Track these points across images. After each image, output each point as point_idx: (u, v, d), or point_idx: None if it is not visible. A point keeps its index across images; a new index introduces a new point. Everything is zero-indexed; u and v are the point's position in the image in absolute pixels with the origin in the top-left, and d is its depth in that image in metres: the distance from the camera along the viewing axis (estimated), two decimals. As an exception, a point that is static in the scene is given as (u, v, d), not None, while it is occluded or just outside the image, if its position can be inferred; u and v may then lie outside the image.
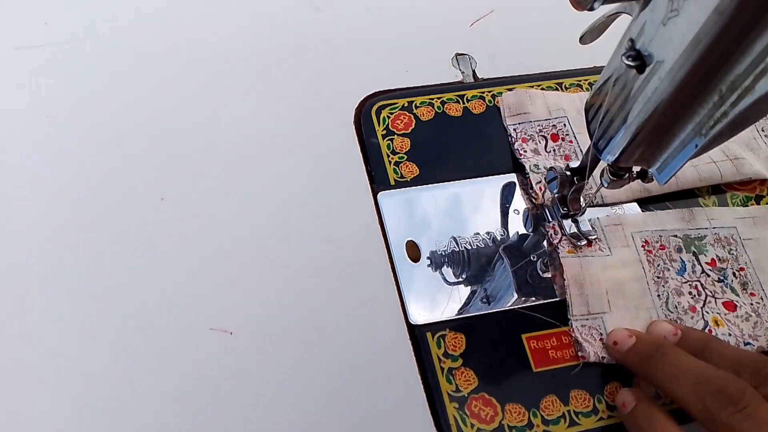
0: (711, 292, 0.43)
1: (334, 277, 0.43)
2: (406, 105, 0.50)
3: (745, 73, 0.27)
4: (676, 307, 0.42)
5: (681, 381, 0.35)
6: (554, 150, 0.48)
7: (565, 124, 0.49)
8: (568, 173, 0.42)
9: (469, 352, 0.40)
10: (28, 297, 0.40)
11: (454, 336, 0.41)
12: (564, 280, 0.42)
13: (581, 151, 0.48)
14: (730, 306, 0.43)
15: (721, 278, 0.44)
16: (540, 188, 0.46)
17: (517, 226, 0.46)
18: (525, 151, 0.48)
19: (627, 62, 0.30)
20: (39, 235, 0.42)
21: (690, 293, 0.43)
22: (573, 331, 0.41)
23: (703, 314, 0.42)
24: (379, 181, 0.46)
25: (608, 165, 0.39)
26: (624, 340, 0.39)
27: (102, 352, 0.39)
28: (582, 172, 0.42)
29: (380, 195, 0.46)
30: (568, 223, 0.44)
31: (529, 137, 0.48)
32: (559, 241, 0.44)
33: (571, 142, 0.48)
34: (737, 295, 0.43)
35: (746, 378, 0.34)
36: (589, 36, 0.37)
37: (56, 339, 0.39)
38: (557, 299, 0.43)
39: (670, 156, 0.33)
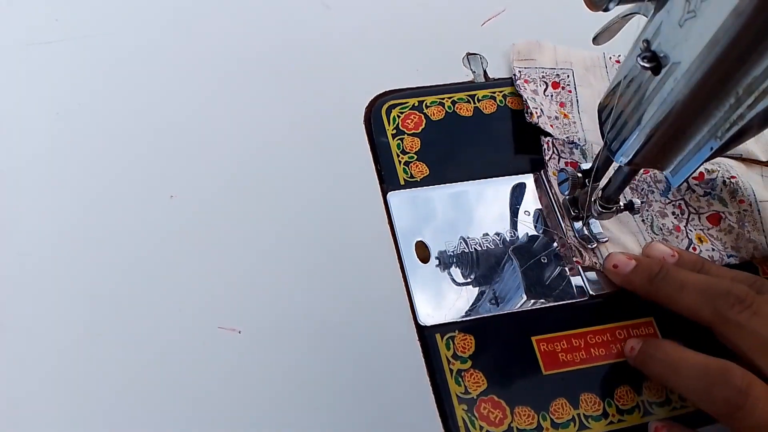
0: (695, 208, 0.45)
1: (342, 277, 0.42)
2: (416, 104, 0.50)
3: (762, 75, 0.26)
4: (661, 228, 0.44)
5: (688, 291, 0.37)
6: (552, 96, 0.50)
7: (569, 76, 0.51)
8: (580, 175, 0.42)
9: (479, 353, 0.40)
10: (35, 294, 0.40)
11: (464, 337, 0.40)
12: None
13: (577, 102, 0.50)
14: (714, 219, 0.45)
15: (708, 191, 0.45)
16: (536, 113, 0.48)
17: (527, 227, 0.46)
18: (525, 89, 0.50)
19: (642, 63, 0.30)
20: (47, 232, 0.42)
21: (673, 213, 0.45)
22: (568, 239, 0.43)
23: (686, 232, 0.44)
24: (388, 181, 0.46)
25: (599, 197, 0.41)
26: (624, 264, 0.41)
27: (108, 350, 0.39)
28: (594, 174, 0.42)
29: (390, 195, 0.46)
30: (578, 225, 0.44)
31: (531, 80, 0.51)
32: (550, 158, 0.47)
33: (570, 91, 0.51)
34: (725, 205, 0.45)
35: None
36: (602, 37, 0.36)
37: (62, 336, 0.39)
38: (567, 302, 0.42)
39: (684, 158, 0.33)
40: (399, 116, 0.49)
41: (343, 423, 0.38)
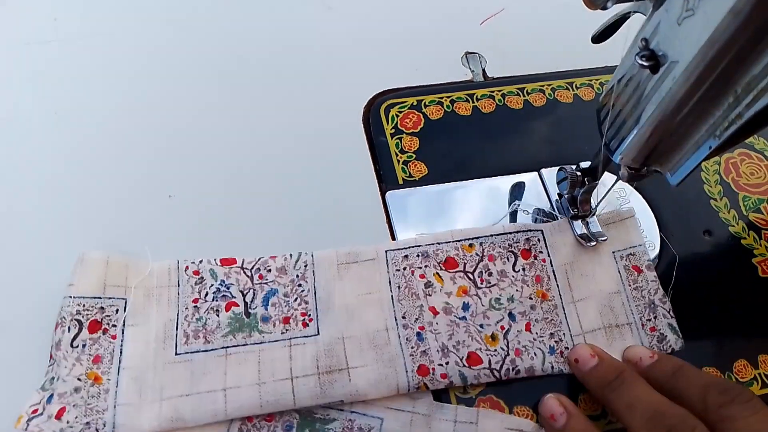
0: None
1: (341, 276, 0.42)
2: (415, 104, 0.50)
3: (761, 74, 0.26)
4: None
5: (636, 413, 0.34)
6: (85, 345, 0.37)
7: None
8: (579, 174, 0.42)
9: (477, 353, 0.40)
10: (33, 294, 0.40)
11: (462, 337, 0.40)
12: None
13: (120, 354, 0.37)
14: None
15: None
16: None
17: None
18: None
19: (640, 62, 0.30)
20: (46, 231, 0.42)
21: None
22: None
23: None
24: (387, 180, 0.46)
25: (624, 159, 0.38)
26: (585, 361, 0.39)
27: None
28: (593, 173, 0.41)
29: (388, 194, 0.45)
30: (578, 224, 0.44)
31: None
32: None
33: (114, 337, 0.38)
34: None
35: (714, 396, 0.33)
36: (601, 35, 0.36)
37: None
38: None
39: (683, 157, 0.32)
40: (398, 115, 0.49)
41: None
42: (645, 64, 0.30)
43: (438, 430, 0.37)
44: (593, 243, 0.43)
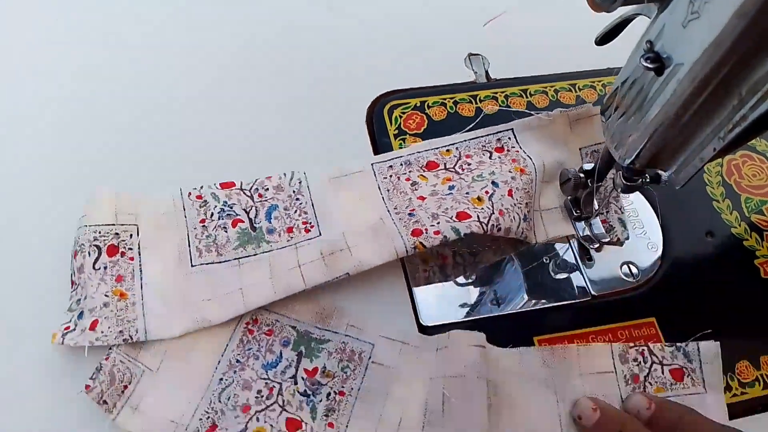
0: (285, 401, 0.38)
1: (344, 277, 0.42)
2: (418, 105, 0.50)
3: (765, 76, 0.26)
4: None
5: None
6: (106, 267, 0.40)
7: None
8: (582, 175, 0.42)
9: (480, 354, 0.40)
10: (36, 298, 0.40)
11: (465, 337, 0.41)
12: None
13: (141, 273, 0.40)
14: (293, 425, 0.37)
15: (310, 393, 0.38)
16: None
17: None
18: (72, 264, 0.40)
19: (645, 64, 0.30)
20: (45, 232, 0.42)
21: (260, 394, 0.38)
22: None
23: None
24: (390, 180, 0.46)
25: (622, 169, 0.39)
26: (588, 416, 0.37)
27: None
28: (596, 175, 0.41)
29: (391, 195, 0.46)
30: (580, 226, 0.44)
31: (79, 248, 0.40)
32: None
33: (132, 259, 0.40)
34: (314, 417, 0.37)
35: None
36: (605, 37, 0.36)
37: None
38: (569, 302, 0.42)
39: (687, 159, 0.32)
40: (401, 116, 0.49)
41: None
42: (650, 66, 0.30)
43: (423, 357, 0.39)
44: (596, 245, 0.43)
